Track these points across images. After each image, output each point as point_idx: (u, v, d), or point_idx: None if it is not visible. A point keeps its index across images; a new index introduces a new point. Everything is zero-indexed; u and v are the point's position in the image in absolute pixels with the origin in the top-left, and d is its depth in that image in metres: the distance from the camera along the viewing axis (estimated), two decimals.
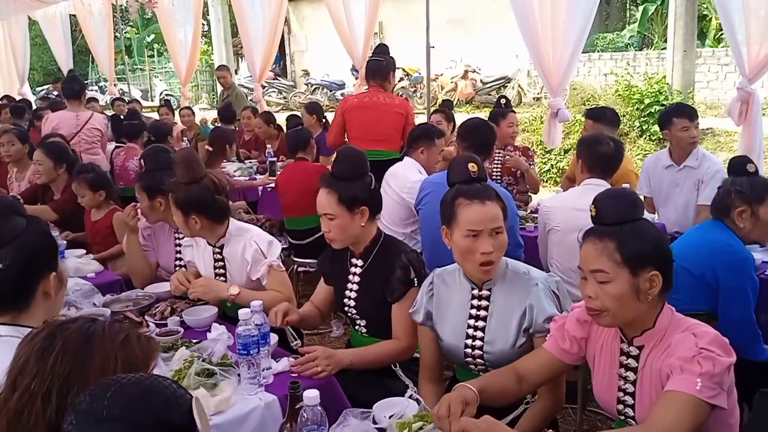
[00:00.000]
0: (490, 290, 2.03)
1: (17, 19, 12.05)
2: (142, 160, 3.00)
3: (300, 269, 4.54)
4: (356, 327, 2.43)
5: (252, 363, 1.97)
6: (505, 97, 4.94)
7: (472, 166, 2.03)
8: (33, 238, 1.60)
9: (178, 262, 3.09)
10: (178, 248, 3.11)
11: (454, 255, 2.01)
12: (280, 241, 2.99)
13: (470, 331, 2.04)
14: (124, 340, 1.14)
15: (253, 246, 2.57)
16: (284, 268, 2.64)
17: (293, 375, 2.09)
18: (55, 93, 10.85)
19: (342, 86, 16.95)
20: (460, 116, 5.57)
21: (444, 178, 3.41)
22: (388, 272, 2.26)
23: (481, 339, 2.01)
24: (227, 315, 2.68)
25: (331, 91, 16.93)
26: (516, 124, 4.64)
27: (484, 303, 2.04)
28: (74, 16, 11.96)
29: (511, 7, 4.90)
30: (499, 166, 4.64)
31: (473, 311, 2.04)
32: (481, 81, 14.50)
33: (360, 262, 2.37)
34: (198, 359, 2.01)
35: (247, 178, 5.86)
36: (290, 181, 4.66)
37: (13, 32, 12.59)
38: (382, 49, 4.89)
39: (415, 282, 2.24)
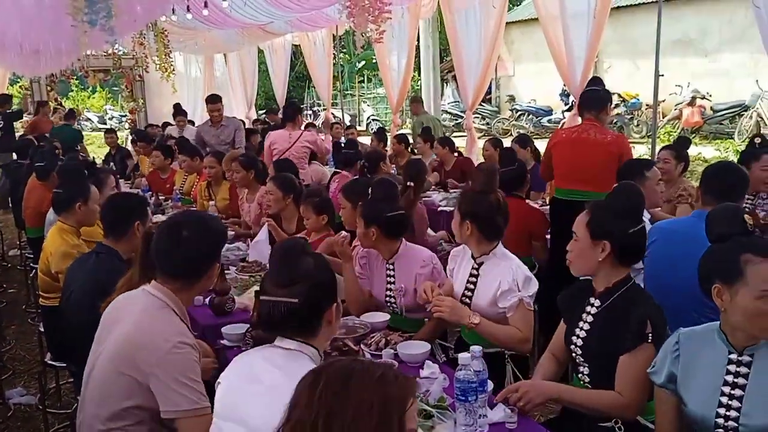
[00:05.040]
0: (752, 356, 1.87)
1: (250, 50, 13.65)
2: (371, 189, 3.23)
3: None
4: (579, 374, 2.37)
5: (470, 410, 1.99)
6: (761, 135, 4.43)
7: (748, 218, 1.90)
8: (320, 275, 1.83)
9: (389, 293, 3.23)
10: (389, 278, 3.25)
11: (731, 315, 1.86)
12: None
13: (724, 400, 1.88)
14: (380, 377, 1.21)
15: (511, 274, 2.67)
16: (533, 308, 2.67)
17: (509, 426, 2.08)
18: (270, 122, 12.05)
19: (549, 112, 16.66)
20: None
21: (674, 224, 3.23)
22: (624, 320, 2.18)
23: (738, 410, 1.85)
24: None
25: (537, 117, 16.73)
26: None
27: (743, 370, 1.87)
28: (296, 46, 13.25)
29: (755, 25, 4.44)
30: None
31: (729, 378, 1.89)
32: (711, 108, 13.35)
33: (597, 303, 2.32)
34: (416, 398, 2.07)
35: (453, 208, 5.94)
36: None
37: (245, 61, 14.30)
38: (596, 82, 4.77)
39: (650, 338, 2.12)
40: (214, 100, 7.69)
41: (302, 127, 7.36)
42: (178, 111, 10.27)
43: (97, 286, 2.58)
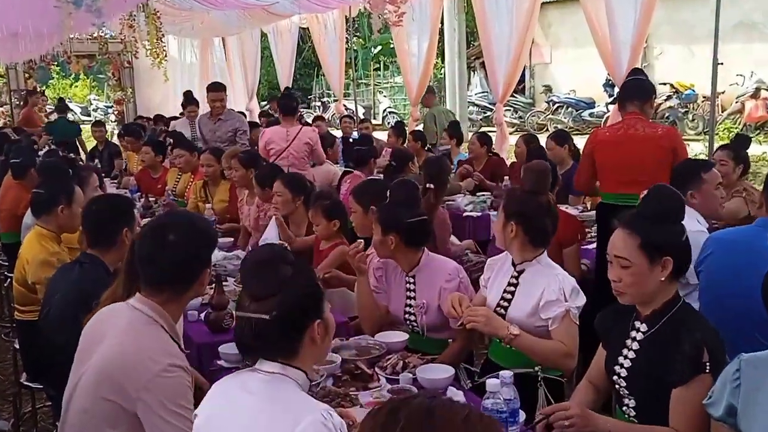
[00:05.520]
0: None
1: (252, 33, 13.70)
2: (389, 191, 3.24)
3: None
4: (623, 408, 2.36)
5: None
6: None
7: None
8: (298, 288, 1.81)
9: (408, 309, 3.23)
10: (409, 293, 3.25)
11: None
12: None
13: None
14: (466, 417, 1.21)
15: (558, 283, 2.71)
16: (578, 322, 2.70)
17: None
18: (274, 112, 12.10)
19: (591, 105, 16.60)
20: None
21: (734, 234, 3.20)
22: (675, 346, 2.16)
23: None
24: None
25: (577, 110, 16.68)
26: None
27: None
28: (304, 29, 13.30)
29: None
30: None
31: None
32: None
33: (644, 327, 2.30)
34: None
35: (480, 213, 5.93)
36: None
37: (246, 46, 14.36)
38: (638, 73, 4.80)
39: (707, 368, 2.10)
40: (216, 88, 7.48)
41: (310, 122, 7.33)
42: (189, 99, 9.40)
43: (80, 299, 2.60)
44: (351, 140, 9.05)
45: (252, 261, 1.92)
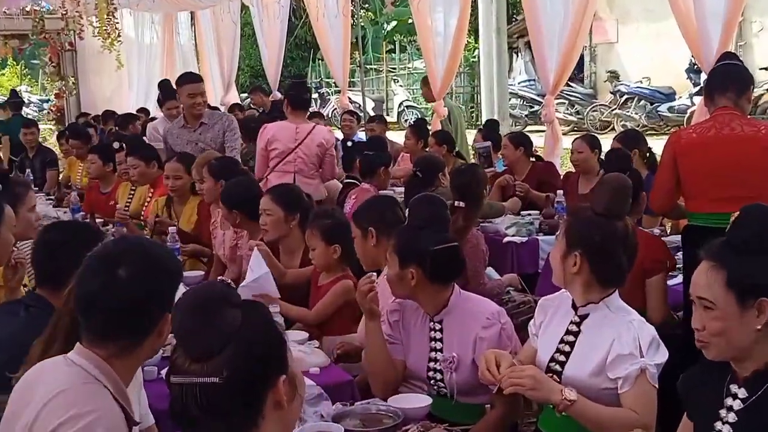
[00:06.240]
0: None
1: (230, 6, 13.77)
2: (409, 210, 3.25)
3: None
4: None
5: None
6: None
7: None
8: (252, 337, 1.75)
9: (432, 364, 3.23)
10: (433, 343, 3.25)
11: None
12: None
13: None
14: None
15: (632, 332, 2.71)
16: (657, 385, 2.69)
17: None
18: (257, 107, 12.09)
19: (670, 97, 16.62)
20: None
21: None
22: None
23: None
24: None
25: (651, 104, 16.70)
26: None
27: None
28: (298, 1, 13.39)
29: None
30: None
31: None
32: None
33: (742, 393, 2.26)
34: None
35: (526, 239, 5.89)
36: None
37: (221, 23, 14.42)
38: (731, 57, 4.83)
39: None
40: (194, 79, 7.10)
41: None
42: (167, 93, 8.91)
43: (22, 353, 2.58)
44: (350, 144, 9.06)
45: (186, 307, 1.83)
